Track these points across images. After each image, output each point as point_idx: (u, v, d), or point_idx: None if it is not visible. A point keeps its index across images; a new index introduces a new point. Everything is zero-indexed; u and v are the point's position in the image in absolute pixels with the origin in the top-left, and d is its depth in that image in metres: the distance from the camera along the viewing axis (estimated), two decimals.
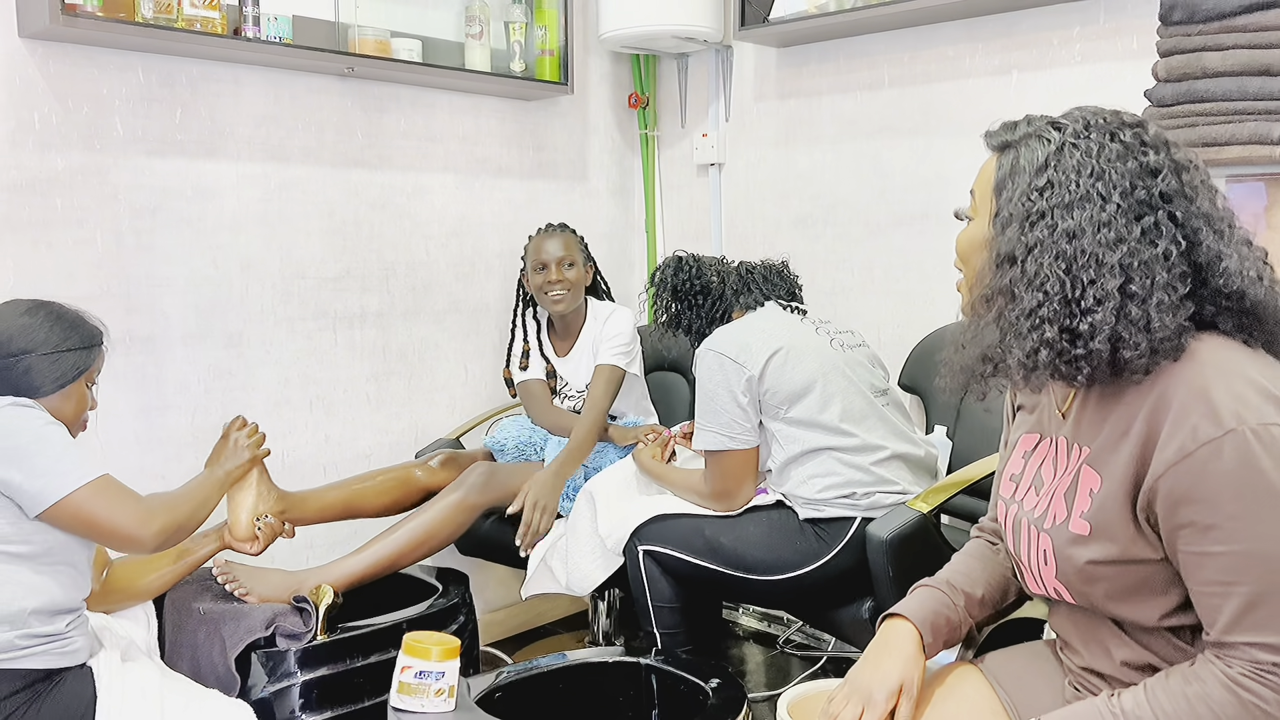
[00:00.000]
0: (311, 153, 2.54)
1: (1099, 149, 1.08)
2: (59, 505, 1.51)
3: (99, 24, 2.06)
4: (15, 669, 1.51)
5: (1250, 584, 1.00)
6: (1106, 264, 1.05)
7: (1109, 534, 1.10)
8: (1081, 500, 1.13)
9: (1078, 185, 1.07)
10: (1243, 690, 1.01)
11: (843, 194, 2.85)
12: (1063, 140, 1.10)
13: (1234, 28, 1.89)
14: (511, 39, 2.82)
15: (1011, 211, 1.11)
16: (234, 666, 1.86)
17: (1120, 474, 1.08)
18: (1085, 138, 1.09)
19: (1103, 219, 1.05)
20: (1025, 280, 1.08)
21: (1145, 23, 2.24)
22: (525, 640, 2.98)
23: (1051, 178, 1.09)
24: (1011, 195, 1.12)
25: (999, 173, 1.15)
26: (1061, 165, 1.08)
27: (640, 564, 2.06)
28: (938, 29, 2.62)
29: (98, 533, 1.57)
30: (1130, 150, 1.08)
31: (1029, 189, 1.10)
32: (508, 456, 2.57)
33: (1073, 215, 1.06)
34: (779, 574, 1.99)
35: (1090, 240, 1.05)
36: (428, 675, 1.63)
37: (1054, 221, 1.07)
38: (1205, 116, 1.92)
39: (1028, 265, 1.08)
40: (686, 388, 2.87)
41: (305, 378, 2.57)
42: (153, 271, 2.30)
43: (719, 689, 1.78)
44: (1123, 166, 1.07)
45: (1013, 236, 1.10)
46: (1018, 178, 1.12)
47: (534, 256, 2.59)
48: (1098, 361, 1.06)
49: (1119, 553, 1.09)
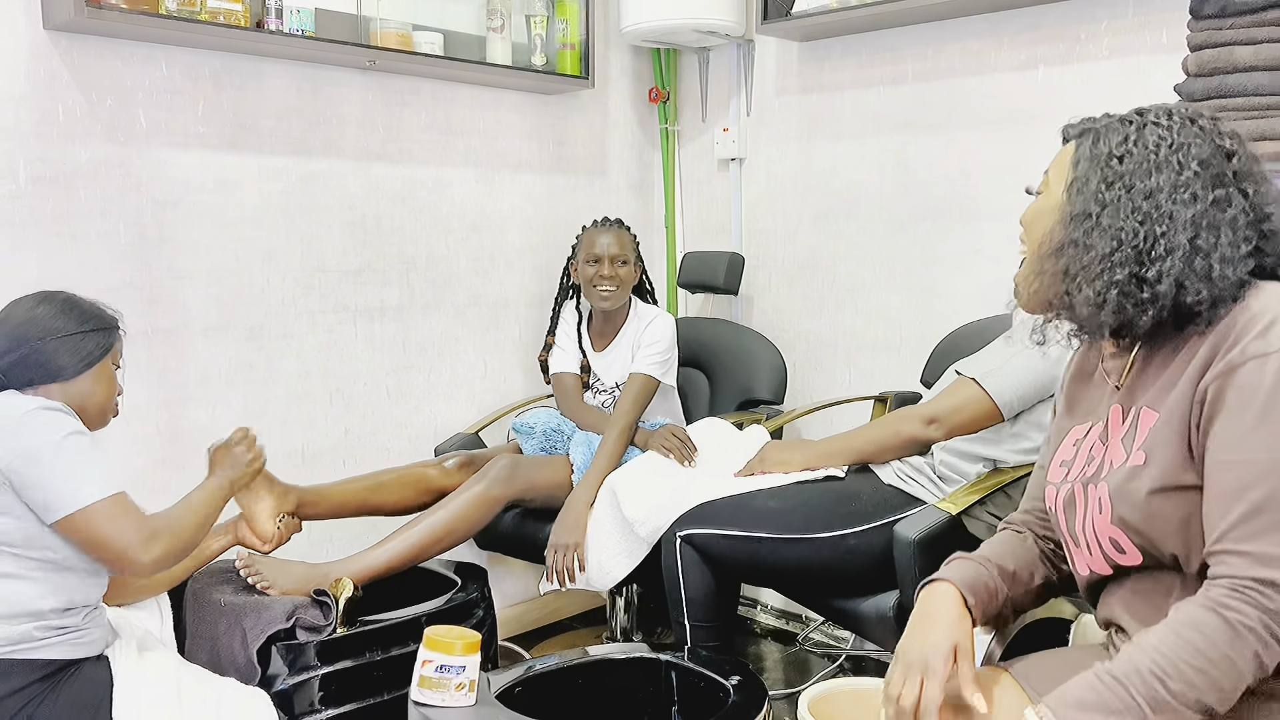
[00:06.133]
0: (333, 146, 2.54)
1: (1179, 128, 1.16)
2: (71, 518, 1.49)
3: (123, 16, 2.07)
4: (33, 659, 1.51)
5: (1257, 492, 1.03)
6: (1179, 219, 1.12)
7: (1162, 461, 1.13)
8: (1140, 437, 1.17)
9: (1157, 154, 1.15)
10: (1225, 610, 1.03)
11: (865, 189, 2.84)
12: (1144, 122, 1.18)
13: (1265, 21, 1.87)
14: (533, 32, 2.81)
15: (1089, 176, 1.18)
16: (255, 658, 1.86)
17: (1175, 401, 1.13)
18: (1166, 119, 1.18)
19: (1180, 181, 1.14)
20: (1100, 230, 1.16)
21: (1175, 16, 2.22)
22: (542, 636, 2.98)
23: (1132, 149, 1.16)
24: (1090, 165, 1.19)
25: (1078, 150, 1.22)
26: (1142, 140, 1.17)
27: (677, 552, 2.06)
28: (962, 23, 2.59)
29: (99, 550, 1.53)
30: (1207, 133, 1.16)
31: (1108, 158, 1.17)
32: (535, 440, 2.56)
33: (1151, 178, 1.14)
34: (826, 531, 2.00)
35: (1166, 198, 1.13)
36: (449, 669, 1.62)
37: (1131, 183, 1.15)
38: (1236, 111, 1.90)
39: (1103, 219, 1.16)
40: (707, 384, 2.87)
41: (325, 371, 2.57)
42: (175, 264, 2.30)
43: (740, 686, 1.77)
44: (1202, 143, 1.15)
45: (1088, 195, 1.17)
46: (1098, 150, 1.19)
47: (587, 249, 2.58)
48: (1161, 305, 1.13)
49: (1170, 479, 1.12)
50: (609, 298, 2.56)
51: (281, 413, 2.49)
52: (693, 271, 2.99)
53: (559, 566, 2.25)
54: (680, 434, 2.42)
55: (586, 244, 2.59)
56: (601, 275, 2.54)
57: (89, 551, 1.54)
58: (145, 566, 1.55)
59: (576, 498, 2.32)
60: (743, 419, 2.62)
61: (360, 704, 1.92)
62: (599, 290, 2.55)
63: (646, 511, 2.17)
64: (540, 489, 2.36)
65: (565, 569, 2.25)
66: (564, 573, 2.25)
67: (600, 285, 2.54)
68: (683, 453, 2.36)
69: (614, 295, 2.56)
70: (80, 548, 1.54)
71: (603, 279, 2.54)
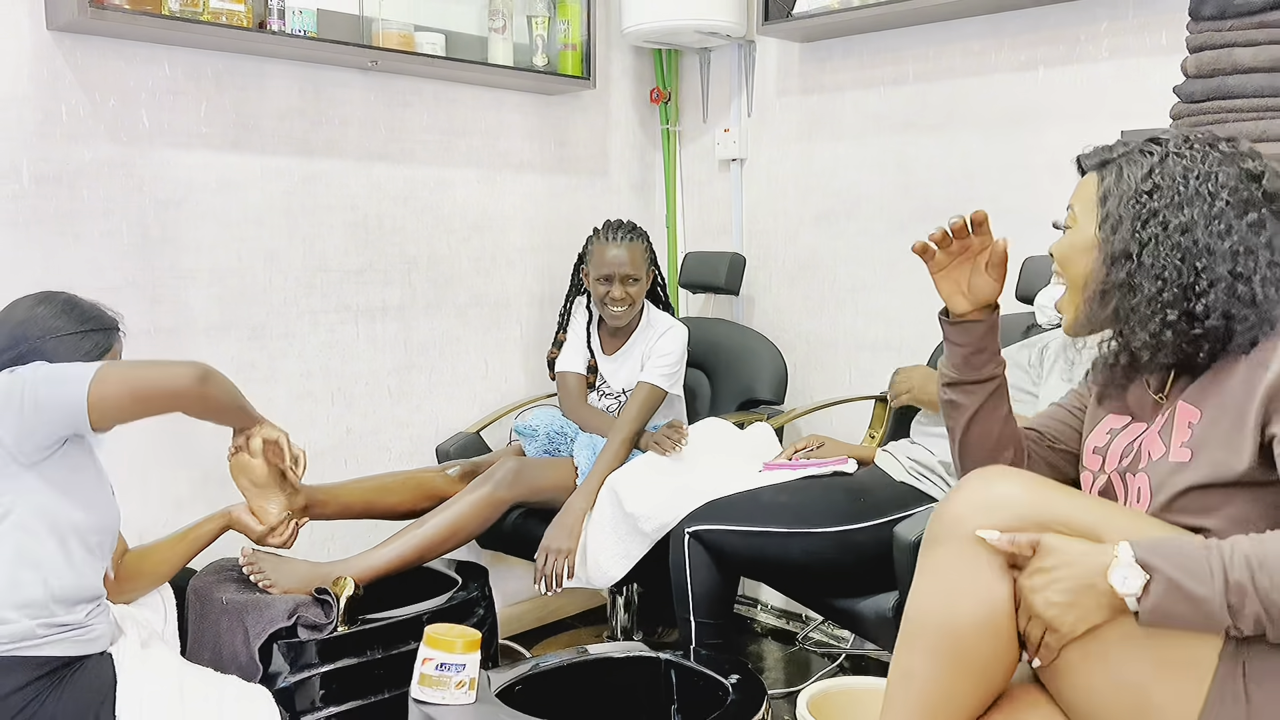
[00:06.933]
0: (335, 146, 2.55)
1: (1203, 156, 1.20)
2: (94, 392, 1.50)
3: (126, 17, 2.07)
4: (37, 656, 1.52)
5: None
6: (1218, 252, 1.16)
7: (1210, 455, 1.16)
8: (1180, 433, 1.20)
9: (1186, 185, 1.19)
10: None
11: (865, 190, 2.84)
12: (1165, 152, 1.22)
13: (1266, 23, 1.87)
14: (534, 33, 2.82)
15: (1122, 214, 1.21)
16: (257, 656, 1.87)
17: (1227, 396, 1.16)
18: (1188, 148, 1.21)
19: (1212, 213, 1.17)
20: (1144, 271, 1.19)
21: (1175, 18, 2.22)
22: (543, 635, 2.99)
23: (1159, 182, 1.20)
24: (1120, 200, 1.22)
25: (1103, 184, 1.25)
26: (1167, 172, 1.20)
27: (685, 549, 2.06)
28: (963, 24, 2.60)
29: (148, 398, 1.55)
30: (1230, 158, 1.21)
31: (1137, 193, 1.21)
32: (538, 441, 2.56)
33: (1184, 212, 1.18)
34: (834, 526, 2.01)
35: (1203, 232, 1.17)
36: (449, 667, 1.63)
37: (1165, 219, 1.18)
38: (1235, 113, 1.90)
39: (1144, 258, 1.19)
40: (708, 384, 2.87)
41: (327, 370, 2.58)
42: (177, 263, 2.31)
43: (739, 685, 1.78)
44: (1228, 169, 1.19)
45: (1125, 235, 1.20)
46: (1124, 185, 1.22)
47: (598, 265, 2.53)
48: (1214, 338, 1.17)
49: (1219, 477, 1.15)
50: (619, 316, 2.54)
51: (283, 412, 2.50)
52: (694, 272, 3.00)
53: (548, 571, 2.26)
54: (673, 424, 2.43)
55: (597, 258, 2.54)
56: (613, 296, 2.51)
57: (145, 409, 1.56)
58: (193, 374, 1.58)
59: (573, 504, 2.32)
60: (744, 419, 2.63)
61: (361, 702, 1.93)
62: (610, 309, 2.53)
63: (650, 508, 2.17)
64: (544, 492, 2.36)
65: (555, 574, 2.26)
66: (552, 577, 2.25)
67: (612, 305, 2.52)
68: (674, 440, 2.37)
69: (624, 314, 2.54)
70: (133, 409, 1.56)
71: (614, 300, 2.51)
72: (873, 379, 2.84)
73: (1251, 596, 1.03)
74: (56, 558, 1.55)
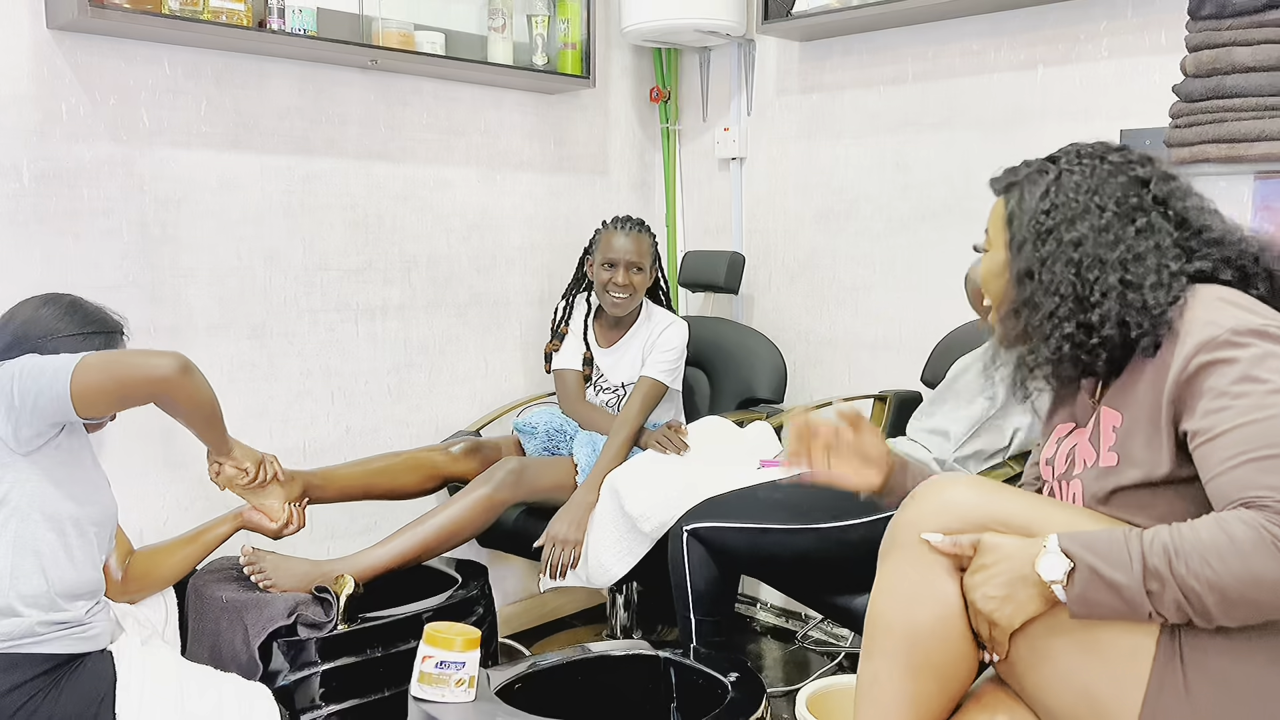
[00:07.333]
0: (335, 145, 2.55)
1: (1092, 170, 1.26)
2: (77, 378, 1.49)
3: (126, 16, 2.08)
4: (37, 653, 1.52)
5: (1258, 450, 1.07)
6: (1108, 262, 1.21)
7: (1134, 458, 1.19)
8: (1106, 437, 1.24)
9: (1078, 202, 1.24)
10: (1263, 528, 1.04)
11: (865, 189, 2.84)
12: (1059, 170, 1.28)
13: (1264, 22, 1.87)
14: (534, 32, 2.82)
15: (1025, 235, 1.27)
16: (257, 654, 1.87)
17: (1141, 399, 1.20)
18: (1080, 163, 1.27)
19: (1101, 225, 1.23)
20: (1043, 288, 1.25)
21: (1174, 17, 2.22)
22: (542, 633, 2.99)
23: (1055, 200, 1.26)
24: (1023, 221, 1.28)
25: (1009, 207, 1.31)
26: (1062, 188, 1.26)
27: (684, 547, 2.07)
28: (962, 23, 2.60)
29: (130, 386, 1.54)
30: (1119, 168, 1.26)
31: (1036, 212, 1.27)
32: (537, 440, 2.57)
33: (1076, 227, 1.23)
34: (832, 521, 2.02)
35: (1092, 244, 1.22)
36: (449, 665, 1.63)
37: (1060, 235, 1.24)
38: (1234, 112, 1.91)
39: (1043, 275, 1.24)
40: (707, 383, 2.87)
41: (327, 369, 2.58)
42: (177, 262, 2.31)
43: (738, 683, 1.78)
44: (1115, 181, 1.25)
45: (1028, 254, 1.26)
46: (1026, 206, 1.28)
47: (604, 251, 2.56)
48: (1112, 346, 1.22)
49: (1143, 476, 1.18)
50: (620, 304, 2.56)
51: (283, 411, 2.50)
52: (694, 270, 3.00)
53: (555, 559, 2.26)
54: (673, 425, 2.45)
55: (604, 245, 2.57)
56: (616, 282, 2.53)
57: (127, 398, 1.55)
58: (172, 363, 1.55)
59: (579, 498, 2.32)
60: (743, 418, 2.63)
61: (361, 700, 1.93)
62: (611, 296, 2.55)
63: (649, 507, 2.18)
64: (544, 492, 2.37)
65: (561, 564, 2.26)
66: (559, 566, 2.26)
67: (613, 291, 2.54)
68: (676, 443, 2.39)
69: (625, 302, 2.56)
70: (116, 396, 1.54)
71: (617, 285, 2.54)
72: (872, 378, 2.84)
73: (1170, 583, 1.06)
74: (54, 547, 1.56)
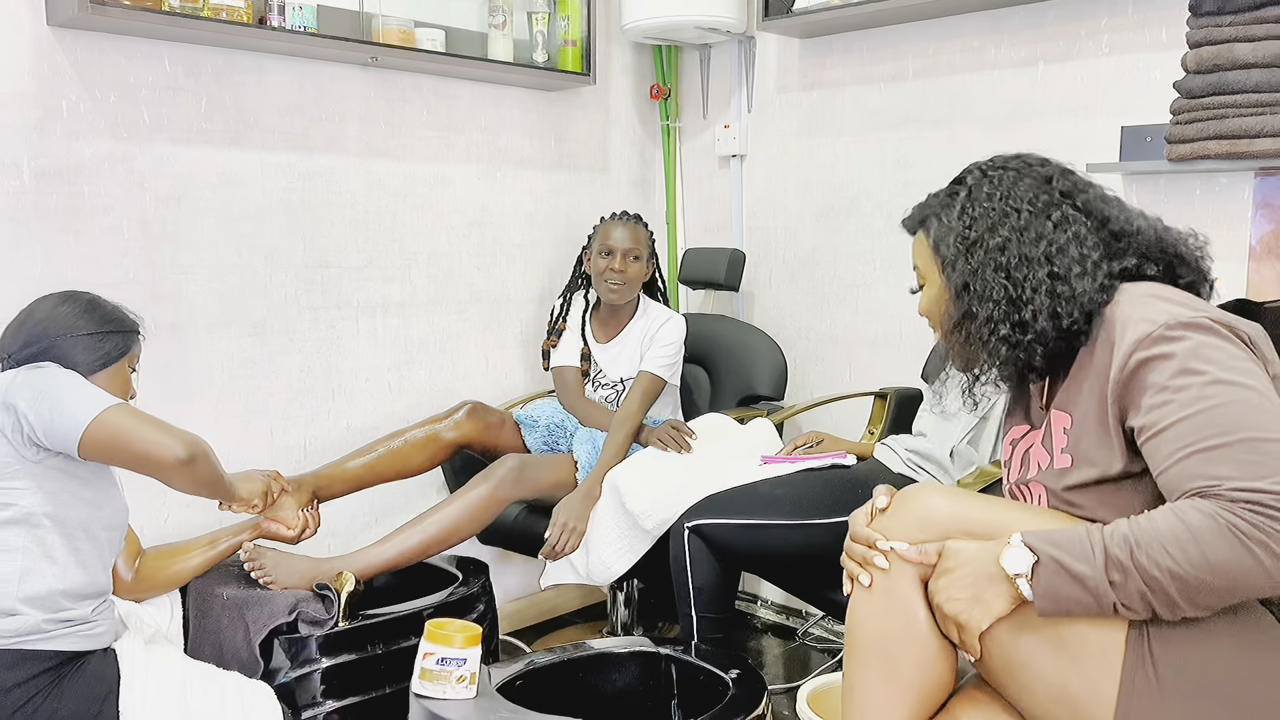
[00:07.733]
0: (335, 142, 2.55)
1: (999, 179, 1.32)
2: (88, 435, 1.53)
3: (126, 12, 2.07)
4: (41, 650, 1.53)
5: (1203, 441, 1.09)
6: (1034, 258, 1.27)
7: (1088, 458, 1.22)
8: (1058, 440, 1.27)
9: (995, 209, 1.30)
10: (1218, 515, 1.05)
11: (865, 186, 2.84)
12: (969, 186, 1.34)
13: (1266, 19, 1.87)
14: (534, 29, 2.82)
15: (953, 253, 1.32)
16: (258, 652, 1.87)
17: (1086, 400, 1.23)
18: (986, 177, 1.33)
19: (1020, 225, 1.28)
20: (978, 297, 1.29)
21: (1175, 14, 2.22)
22: (543, 630, 2.99)
23: (973, 214, 1.31)
24: (949, 242, 1.32)
25: (931, 236, 1.36)
26: (976, 201, 1.31)
27: (685, 544, 2.07)
28: (963, 20, 2.60)
29: (132, 457, 1.57)
30: (1023, 171, 1.32)
31: (959, 229, 1.32)
32: (537, 433, 2.58)
33: (999, 233, 1.29)
34: (832, 516, 2.04)
35: (1016, 245, 1.27)
36: (450, 662, 1.63)
37: (986, 243, 1.29)
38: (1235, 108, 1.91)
39: (976, 285, 1.29)
40: (708, 380, 2.87)
41: (327, 366, 2.58)
42: (177, 259, 2.31)
43: (739, 680, 1.78)
44: (1023, 183, 1.31)
45: (961, 269, 1.31)
46: (946, 229, 1.33)
47: (601, 241, 2.59)
48: (1046, 339, 1.26)
49: (1098, 474, 1.21)
50: (617, 291, 2.57)
51: (283, 408, 2.50)
52: (694, 268, 3.00)
53: (558, 543, 2.26)
54: (677, 425, 2.44)
55: (601, 235, 2.60)
56: (613, 269, 2.55)
57: (126, 461, 1.58)
58: (180, 455, 1.58)
59: (582, 491, 2.33)
60: (744, 415, 2.63)
61: (362, 697, 1.93)
62: (609, 283, 2.56)
63: (650, 504, 2.18)
64: (545, 489, 2.37)
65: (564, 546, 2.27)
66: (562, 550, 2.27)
67: (610, 278, 2.56)
68: (680, 442, 2.39)
69: (622, 290, 2.57)
70: (119, 460, 1.58)
71: (614, 272, 2.55)
72: (872, 375, 2.84)
73: (1133, 573, 1.07)
74: (65, 551, 1.57)
